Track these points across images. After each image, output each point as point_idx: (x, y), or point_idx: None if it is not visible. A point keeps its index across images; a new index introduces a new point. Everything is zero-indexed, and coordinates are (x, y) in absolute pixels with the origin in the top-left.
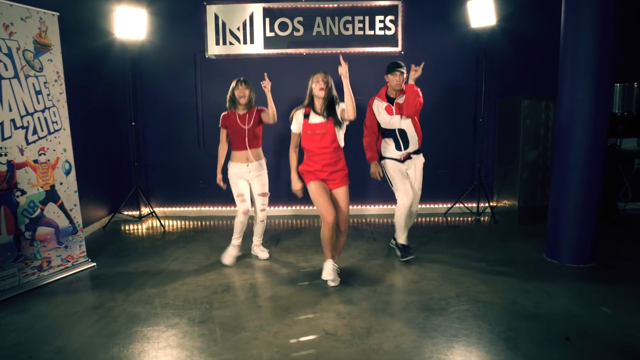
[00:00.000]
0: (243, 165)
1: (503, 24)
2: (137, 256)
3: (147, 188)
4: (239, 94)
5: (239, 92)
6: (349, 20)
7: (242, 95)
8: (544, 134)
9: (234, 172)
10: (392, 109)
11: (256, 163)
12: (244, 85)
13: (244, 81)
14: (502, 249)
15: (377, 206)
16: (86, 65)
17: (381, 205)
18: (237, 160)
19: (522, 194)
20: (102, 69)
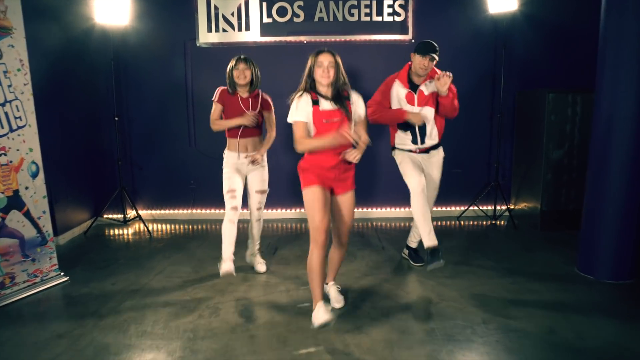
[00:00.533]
0: (241, 155)
1: (525, 9)
2: (117, 268)
3: (134, 189)
4: (237, 74)
5: (238, 72)
6: (354, 4)
7: (242, 76)
8: (570, 130)
9: (229, 162)
10: (414, 97)
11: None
12: (244, 64)
13: (244, 59)
14: (527, 260)
15: (385, 209)
16: (61, 54)
17: (389, 208)
18: (234, 148)
19: (545, 196)
20: (80, 58)
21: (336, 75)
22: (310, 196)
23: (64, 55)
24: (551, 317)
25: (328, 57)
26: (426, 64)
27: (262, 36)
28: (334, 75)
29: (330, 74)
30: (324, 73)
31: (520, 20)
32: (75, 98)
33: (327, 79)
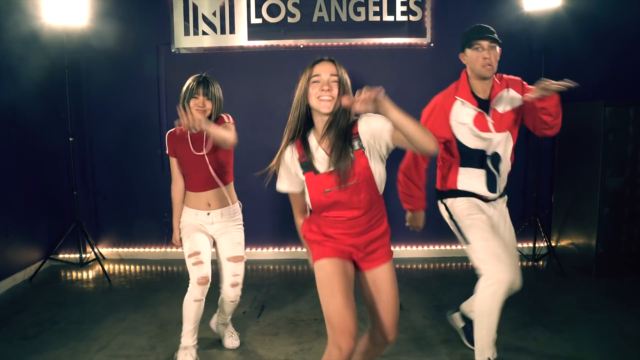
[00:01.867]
0: (201, 213)
1: (570, 5)
2: (49, 339)
3: (96, 222)
4: (195, 103)
5: (197, 102)
6: (360, 2)
7: (201, 108)
8: (632, 152)
9: (187, 221)
10: (486, 121)
11: (224, 209)
12: (202, 92)
13: (203, 82)
14: (595, 327)
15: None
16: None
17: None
18: (193, 205)
19: (602, 235)
20: (25, 66)
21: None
22: (323, 275)
23: (5, 61)
24: None
25: (329, 67)
26: (486, 54)
27: (250, 40)
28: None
29: (333, 92)
30: (323, 94)
31: (564, 19)
32: (19, 114)
33: (328, 105)
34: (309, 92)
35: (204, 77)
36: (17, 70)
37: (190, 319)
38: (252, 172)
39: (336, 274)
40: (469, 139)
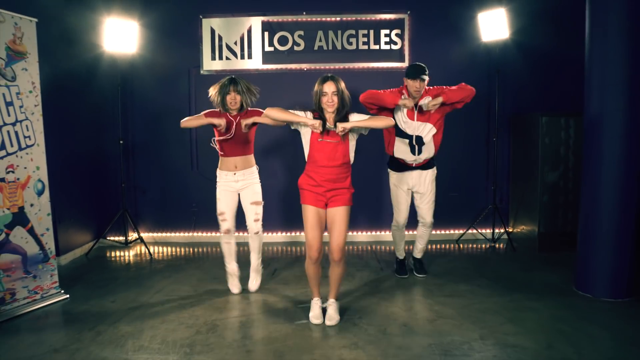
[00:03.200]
0: (230, 174)
1: (516, 37)
2: (116, 287)
3: (136, 212)
4: (230, 99)
5: (231, 97)
6: (352, 34)
7: (233, 101)
8: (564, 153)
9: (220, 182)
10: (413, 113)
11: (246, 170)
12: (235, 89)
13: (234, 82)
14: (525, 280)
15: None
16: (71, 79)
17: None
18: (225, 167)
19: (542, 218)
20: (89, 83)
21: (340, 102)
22: (305, 214)
23: (74, 80)
24: (549, 332)
25: (331, 86)
26: (418, 85)
27: (264, 64)
28: (338, 102)
29: (335, 101)
30: (328, 101)
31: (512, 48)
32: (83, 121)
33: (332, 106)
34: (321, 99)
35: (234, 78)
36: (83, 88)
37: (225, 253)
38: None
39: (311, 215)
40: (402, 120)
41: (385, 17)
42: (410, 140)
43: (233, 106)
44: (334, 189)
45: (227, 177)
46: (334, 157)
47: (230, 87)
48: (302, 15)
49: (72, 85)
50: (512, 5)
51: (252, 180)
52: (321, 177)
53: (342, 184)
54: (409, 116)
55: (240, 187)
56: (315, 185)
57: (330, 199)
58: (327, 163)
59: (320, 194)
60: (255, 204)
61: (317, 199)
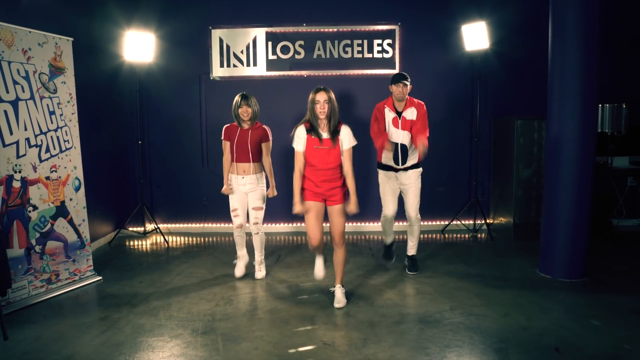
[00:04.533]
0: (239, 178)
1: (496, 47)
2: (141, 271)
3: (152, 205)
4: (242, 112)
5: (242, 110)
6: (348, 43)
7: (245, 114)
8: (537, 152)
9: (232, 184)
10: (398, 121)
11: (253, 176)
12: (246, 103)
13: (245, 97)
14: (497, 264)
15: (376, 223)
16: (96, 87)
17: None
18: (235, 171)
19: (517, 211)
20: (111, 90)
21: (330, 110)
22: (307, 207)
23: (98, 88)
24: (509, 305)
25: (323, 95)
26: (401, 89)
27: (268, 71)
28: (328, 109)
29: (325, 109)
30: (321, 108)
31: (492, 57)
32: (106, 123)
33: (324, 113)
34: (314, 106)
35: (245, 93)
36: (106, 94)
37: (237, 242)
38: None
39: (312, 209)
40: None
41: (378, 28)
42: (395, 149)
43: (245, 117)
44: (331, 188)
45: (237, 181)
46: (328, 161)
47: (243, 102)
48: (303, 26)
49: (97, 92)
50: (492, 19)
51: (258, 186)
52: (319, 179)
53: (337, 183)
54: (394, 124)
55: (247, 191)
56: (315, 186)
57: (328, 197)
58: (323, 166)
59: (319, 193)
60: (256, 210)
61: (316, 195)
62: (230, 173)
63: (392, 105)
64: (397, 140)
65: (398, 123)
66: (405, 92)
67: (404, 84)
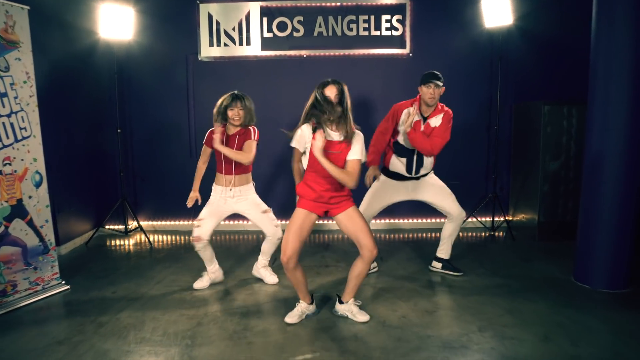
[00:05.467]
0: (225, 190)
1: (520, 24)
2: (117, 278)
3: (135, 200)
4: (232, 114)
5: (233, 112)
6: (352, 19)
7: (237, 116)
8: (566, 142)
9: (214, 196)
10: (420, 127)
11: (242, 187)
12: (240, 104)
13: (240, 98)
14: (523, 270)
15: (384, 220)
16: (67, 67)
17: (387, 220)
18: (220, 182)
19: (542, 208)
20: (85, 71)
21: (342, 106)
22: (293, 217)
23: (69, 69)
24: (547, 324)
25: (334, 89)
26: (432, 92)
27: (263, 50)
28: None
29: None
30: None
31: (515, 34)
32: (80, 110)
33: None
34: None
35: (238, 93)
36: (79, 76)
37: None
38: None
39: (298, 220)
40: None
41: (386, 3)
42: (410, 158)
43: (235, 122)
44: (335, 196)
45: (222, 194)
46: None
47: (236, 103)
48: (302, 0)
49: (67, 73)
50: None
51: (249, 194)
52: (321, 187)
53: (342, 192)
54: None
55: (236, 204)
56: (316, 195)
57: (333, 207)
58: (328, 173)
59: (321, 203)
60: (266, 212)
61: (315, 206)
62: (214, 184)
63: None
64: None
65: (420, 128)
66: (437, 95)
67: (437, 84)
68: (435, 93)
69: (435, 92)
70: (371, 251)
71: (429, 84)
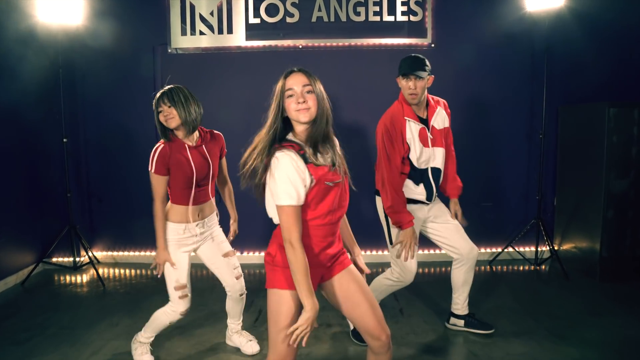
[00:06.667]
0: (190, 227)
1: (574, 5)
2: (40, 344)
3: (91, 226)
4: (164, 117)
5: (164, 115)
6: (360, 2)
7: (170, 117)
8: (636, 154)
9: (174, 239)
10: (427, 136)
11: (210, 217)
12: (167, 101)
13: (166, 95)
14: (600, 331)
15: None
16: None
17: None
18: (181, 219)
19: (606, 239)
20: (18, 64)
21: (320, 108)
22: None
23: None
24: None
25: (301, 78)
26: (411, 85)
27: (248, 40)
28: (315, 106)
29: (309, 103)
30: (299, 104)
31: (567, 20)
32: (12, 114)
33: (307, 111)
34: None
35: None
36: (13, 69)
37: (157, 330)
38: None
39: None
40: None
41: None
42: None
43: (172, 124)
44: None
45: (188, 231)
46: (342, 203)
47: (161, 102)
48: None
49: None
50: None
51: (214, 225)
52: (328, 239)
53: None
54: (422, 141)
55: (201, 240)
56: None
57: (332, 266)
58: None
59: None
60: (230, 255)
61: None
62: (170, 222)
63: (412, 113)
64: (428, 164)
65: (427, 138)
66: (421, 90)
67: (418, 76)
68: (418, 87)
69: (418, 86)
70: (379, 337)
71: (409, 77)
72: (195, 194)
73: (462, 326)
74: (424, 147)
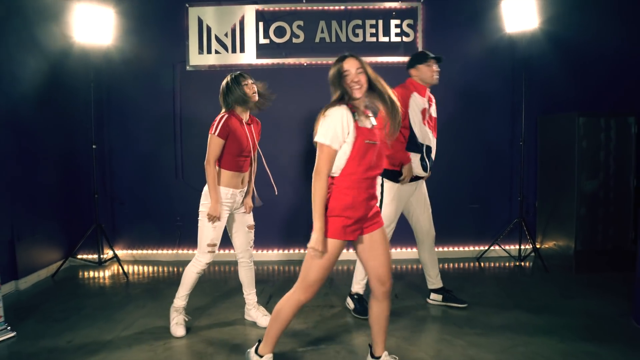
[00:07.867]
0: (235, 192)
1: (547, 27)
2: (77, 321)
3: (113, 226)
4: (250, 90)
5: (250, 88)
6: (358, 24)
7: (253, 91)
8: (604, 158)
9: (224, 202)
10: (426, 114)
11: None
12: (251, 78)
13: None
14: (571, 312)
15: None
16: (34, 74)
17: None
18: (231, 184)
19: (580, 234)
20: (56, 80)
21: (369, 82)
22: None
23: (38, 75)
24: None
25: (354, 62)
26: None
27: (258, 58)
28: (365, 82)
29: (362, 81)
30: (353, 83)
31: (541, 39)
32: (49, 123)
33: (359, 88)
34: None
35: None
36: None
37: (189, 285)
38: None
39: (336, 253)
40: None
41: (396, 6)
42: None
43: (256, 97)
44: (373, 204)
45: (233, 197)
46: (378, 163)
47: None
48: (302, 3)
49: (35, 81)
50: None
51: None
52: (363, 195)
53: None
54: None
55: (238, 206)
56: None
57: (369, 223)
58: (375, 171)
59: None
60: (252, 229)
61: (354, 229)
62: (222, 186)
63: (423, 93)
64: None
65: (426, 116)
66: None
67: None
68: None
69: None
70: (384, 284)
71: (430, 61)
72: (243, 162)
73: (440, 301)
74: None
